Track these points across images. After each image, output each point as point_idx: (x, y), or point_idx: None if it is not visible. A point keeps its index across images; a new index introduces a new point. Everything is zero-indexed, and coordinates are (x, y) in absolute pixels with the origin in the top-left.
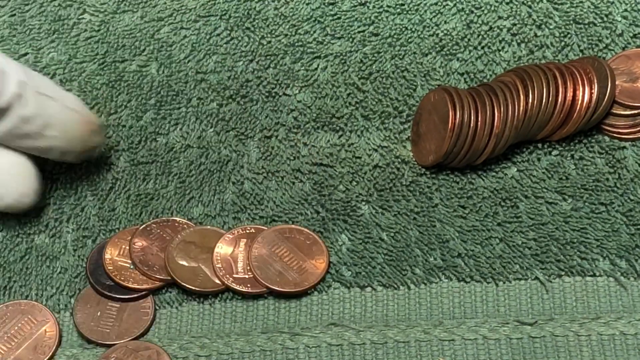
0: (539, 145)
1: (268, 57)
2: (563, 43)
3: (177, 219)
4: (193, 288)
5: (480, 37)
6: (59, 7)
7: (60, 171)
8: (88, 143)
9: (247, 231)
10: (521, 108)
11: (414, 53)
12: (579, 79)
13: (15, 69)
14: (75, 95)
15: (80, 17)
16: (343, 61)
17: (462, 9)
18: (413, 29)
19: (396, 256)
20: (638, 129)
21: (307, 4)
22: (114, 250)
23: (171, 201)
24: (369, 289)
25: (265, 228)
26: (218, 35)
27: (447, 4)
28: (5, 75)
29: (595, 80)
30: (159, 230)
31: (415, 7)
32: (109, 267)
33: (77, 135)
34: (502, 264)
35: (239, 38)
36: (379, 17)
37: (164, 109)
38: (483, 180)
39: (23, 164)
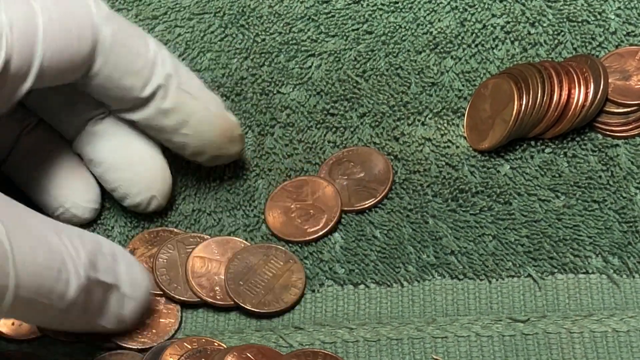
0: (532, 142)
1: (262, 55)
2: (556, 41)
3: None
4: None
5: (474, 35)
6: None
7: None
8: (223, 150)
9: None
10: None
11: (408, 51)
12: (575, 79)
13: (167, 60)
14: (221, 100)
15: None
16: (337, 59)
17: (456, 7)
18: (407, 27)
19: (389, 254)
20: (631, 126)
21: (301, 2)
22: None
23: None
24: (362, 286)
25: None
26: (212, 32)
27: (441, 2)
28: (155, 66)
29: (592, 81)
30: None
31: (409, 5)
32: None
33: (213, 139)
34: (495, 261)
35: (233, 36)
36: (373, 15)
37: None
38: (476, 177)
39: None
